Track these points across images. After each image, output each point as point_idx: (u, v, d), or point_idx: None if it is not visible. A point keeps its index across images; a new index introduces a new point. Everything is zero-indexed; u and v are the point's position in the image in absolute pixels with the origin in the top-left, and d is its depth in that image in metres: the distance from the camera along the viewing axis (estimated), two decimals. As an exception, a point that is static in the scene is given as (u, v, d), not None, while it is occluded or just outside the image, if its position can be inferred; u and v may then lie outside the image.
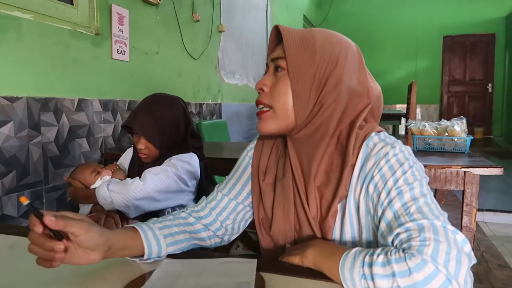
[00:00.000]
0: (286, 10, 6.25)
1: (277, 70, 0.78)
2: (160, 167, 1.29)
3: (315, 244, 0.72)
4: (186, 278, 0.67)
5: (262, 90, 0.79)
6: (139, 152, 1.33)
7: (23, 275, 0.72)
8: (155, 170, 1.27)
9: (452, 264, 0.55)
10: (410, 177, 0.68)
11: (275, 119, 0.78)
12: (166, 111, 1.32)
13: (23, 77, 1.78)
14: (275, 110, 0.77)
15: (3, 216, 1.69)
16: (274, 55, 0.79)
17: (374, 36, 8.37)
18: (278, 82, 0.77)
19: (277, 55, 0.78)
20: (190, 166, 1.33)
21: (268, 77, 0.80)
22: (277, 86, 0.77)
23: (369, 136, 0.76)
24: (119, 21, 2.39)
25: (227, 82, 4.15)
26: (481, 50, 8.03)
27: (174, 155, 1.34)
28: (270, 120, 0.78)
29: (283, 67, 0.77)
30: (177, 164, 1.29)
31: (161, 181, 1.24)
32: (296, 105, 0.75)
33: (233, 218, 0.92)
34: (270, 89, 0.79)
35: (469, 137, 2.08)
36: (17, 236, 0.91)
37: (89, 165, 1.44)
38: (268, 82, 0.79)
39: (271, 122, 0.78)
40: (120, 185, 1.25)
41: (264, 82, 0.79)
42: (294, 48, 0.75)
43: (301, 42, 0.76)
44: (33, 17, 1.81)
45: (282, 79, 0.77)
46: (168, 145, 1.32)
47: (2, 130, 1.68)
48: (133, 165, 1.43)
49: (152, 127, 1.28)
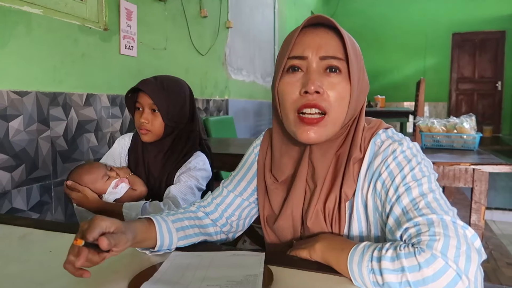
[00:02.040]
0: (293, 6, 6.23)
1: (333, 71, 0.71)
2: (185, 185, 1.20)
3: (323, 238, 0.72)
4: (194, 270, 0.67)
5: (318, 92, 0.69)
6: (141, 127, 1.23)
7: (33, 265, 0.72)
8: (182, 189, 1.19)
9: (462, 259, 0.54)
10: (418, 173, 0.67)
11: (330, 126, 0.71)
12: (174, 84, 1.28)
13: (33, 72, 1.80)
14: (331, 117, 0.70)
15: (12, 209, 1.71)
16: (327, 53, 0.70)
17: (382, 33, 8.30)
18: (337, 85, 0.70)
19: (331, 53, 0.70)
20: (206, 172, 1.29)
21: (321, 78, 0.70)
22: (336, 89, 0.70)
23: (376, 133, 0.76)
24: (127, 17, 2.40)
25: (234, 78, 4.15)
26: (490, 47, 7.93)
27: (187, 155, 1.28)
28: (325, 128, 0.71)
29: (341, 70, 0.70)
30: (197, 175, 1.24)
31: (189, 202, 1.18)
32: (350, 112, 0.72)
33: (238, 214, 0.92)
34: (325, 92, 0.70)
35: (478, 134, 2.07)
36: (26, 228, 0.92)
37: (97, 167, 1.24)
38: (323, 84, 0.70)
39: (326, 129, 0.71)
40: (154, 210, 1.14)
41: (320, 84, 0.69)
42: (352, 51, 0.71)
43: (352, 44, 0.72)
44: (42, 12, 1.82)
45: (341, 83, 0.70)
46: (173, 121, 1.25)
47: (12, 124, 1.69)
48: (136, 153, 1.34)
49: (159, 91, 1.22)
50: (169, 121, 1.24)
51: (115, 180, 1.23)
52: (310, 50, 0.71)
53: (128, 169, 1.31)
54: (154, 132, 1.25)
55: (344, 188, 0.74)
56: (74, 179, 1.20)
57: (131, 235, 0.67)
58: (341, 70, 0.70)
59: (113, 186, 1.22)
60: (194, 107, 1.34)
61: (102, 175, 1.22)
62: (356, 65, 0.72)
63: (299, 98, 0.71)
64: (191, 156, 1.29)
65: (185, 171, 1.25)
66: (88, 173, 1.20)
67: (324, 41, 0.71)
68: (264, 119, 5.01)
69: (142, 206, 1.14)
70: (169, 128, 1.26)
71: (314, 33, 0.72)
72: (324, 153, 0.78)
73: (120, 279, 0.66)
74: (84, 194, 1.18)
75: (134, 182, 1.26)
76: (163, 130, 1.26)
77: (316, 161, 0.78)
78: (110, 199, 1.22)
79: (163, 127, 1.25)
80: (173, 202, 1.15)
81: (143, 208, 1.14)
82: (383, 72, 8.19)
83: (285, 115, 0.74)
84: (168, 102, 1.23)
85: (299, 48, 0.72)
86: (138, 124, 1.25)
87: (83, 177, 1.20)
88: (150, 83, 1.23)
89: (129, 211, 1.12)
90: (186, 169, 1.25)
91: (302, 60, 0.71)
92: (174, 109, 1.25)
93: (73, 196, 1.19)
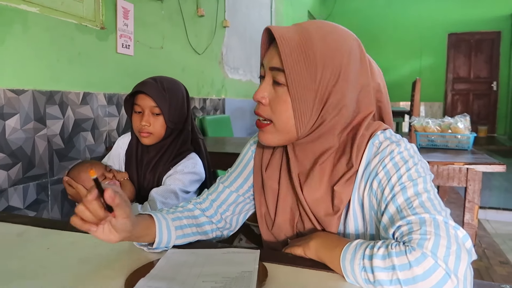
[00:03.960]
0: (290, 6, 6.23)
1: (276, 83, 0.73)
2: (167, 189, 1.20)
3: (318, 236, 0.73)
4: (190, 266, 0.68)
5: (261, 102, 0.75)
6: (142, 130, 1.23)
7: (31, 262, 0.73)
8: (162, 192, 1.18)
9: (452, 259, 0.55)
10: (414, 174, 0.68)
11: (276, 133, 0.75)
12: (173, 85, 1.28)
13: (29, 70, 1.80)
14: (276, 125, 0.74)
15: (9, 207, 1.71)
16: (272, 64, 0.73)
17: (379, 32, 8.34)
18: (278, 98, 0.73)
19: (275, 64, 0.72)
20: (196, 175, 1.27)
21: (266, 88, 0.75)
22: (278, 102, 0.73)
23: (374, 134, 0.77)
24: (124, 15, 2.40)
25: (231, 78, 4.15)
26: (486, 48, 7.98)
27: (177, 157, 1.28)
28: (271, 134, 0.76)
29: (282, 82, 0.72)
30: (183, 179, 1.23)
31: (170, 205, 1.16)
32: (298, 123, 0.72)
33: (232, 209, 0.93)
34: (269, 102, 0.74)
35: (472, 134, 2.09)
36: (24, 225, 0.93)
37: (96, 167, 1.27)
38: (266, 94, 0.75)
39: (273, 135, 0.76)
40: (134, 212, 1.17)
41: (262, 95, 0.75)
42: (293, 61, 0.69)
43: (300, 52, 0.69)
44: (39, 10, 1.82)
45: (282, 95, 0.72)
46: (174, 122, 1.25)
47: (8, 123, 1.69)
48: (131, 155, 1.33)
49: (161, 94, 1.22)
50: (170, 123, 1.24)
51: (107, 181, 1.25)
52: (265, 60, 0.76)
53: (126, 174, 1.31)
54: (155, 135, 1.25)
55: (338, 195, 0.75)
56: (73, 175, 1.25)
57: (134, 221, 0.69)
58: (283, 83, 0.72)
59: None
60: (189, 107, 1.34)
61: (99, 175, 1.24)
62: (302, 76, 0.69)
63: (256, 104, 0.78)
64: (183, 158, 1.29)
65: (172, 174, 1.25)
66: (86, 171, 1.23)
67: (275, 52, 0.73)
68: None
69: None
70: (169, 129, 1.26)
71: (276, 42, 0.73)
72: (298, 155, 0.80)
73: (117, 275, 0.66)
74: (78, 191, 1.21)
75: (124, 186, 1.27)
76: (164, 132, 1.26)
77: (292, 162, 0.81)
78: None
79: (164, 129, 1.25)
80: (151, 205, 1.16)
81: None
82: (379, 72, 8.21)
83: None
84: (170, 103, 1.24)
85: (265, 55, 0.77)
86: (139, 127, 1.24)
87: (80, 174, 1.24)
88: (151, 85, 1.22)
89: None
90: (173, 172, 1.25)
91: (263, 68, 0.77)
92: (175, 110, 1.25)
93: (69, 191, 1.24)
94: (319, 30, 0.72)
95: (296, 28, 0.74)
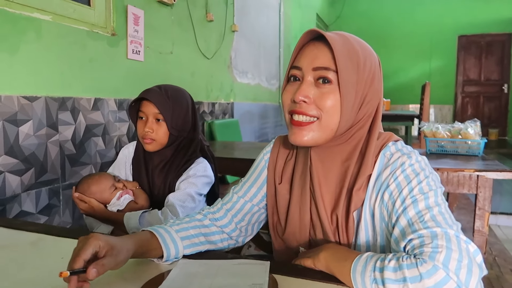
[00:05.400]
0: (299, 8, 6.24)
1: (324, 82, 0.74)
2: (184, 193, 1.22)
3: (328, 248, 0.74)
4: (201, 278, 0.69)
5: (305, 101, 0.75)
6: (146, 136, 1.25)
7: (45, 272, 0.74)
8: (180, 197, 1.21)
9: (463, 272, 0.56)
10: (425, 187, 0.69)
11: (319, 131, 0.76)
12: (177, 93, 1.30)
13: (42, 77, 1.83)
14: (322, 122, 0.75)
15: (22, 212, 1.74)
16: (317, 64, 0.74)
17: (388, 35, 8.29)
18: (325, 95, 0.74)
19: (321, 64, 0.74)
20: (208, 178, 1.30)
21: (309, 88, 0.75)
22: (325, 99, 0.74)
23: (386, 145, 0.78)
24: (134, 22, 2.43)
25: (240, 82, 4.17)
26: (497, 50, 7.89)
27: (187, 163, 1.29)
28: (315, 131, 0.76)
29: (331, 80, 0.74)
30: (197, 182, 1.25)
31: (188, 208, 1.20)
32: (342, 121, 0.75)
33: (248, 219, 0.94)
34: (314, 101, 0.75)
35: (483, 139, 2.07)
36: (37, 234, 0.94)
37: (105, 178, 1.27)
38: (310, 94, 0.75)
39: (314, 133, 0.76)
40: (152, 219, 1.17)
41: (306, 94, 0.75)
42: (344, 62, 0.73)
43: (348, 55, 0.74)
44: (52, 18, 1.85)
45: (330, 92, 0.74)
46: (177, 130, 1.27)
47: (22, 129, 1.72)
48: (139, 162, 1.35)
49: (165, 101, 1.24)
50: (173, 130, 1.26)
51: (120, 191, 1.26)
52: (305, 61, 0.76)
53: (136, 183, 1.32)
54: (158, 141, 1.26)
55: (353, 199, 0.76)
56: (83, 188, 1.25)
57: (126, 254, 0.68)
58: (332, 81, 0.74)
59: (117, 197, 1.25)
60: (196, 115, 1.35)
61: (109, 185, 1.25)
62: (350, 75, 0.73)
63: (291, 105, 0.78)
64: (192, 163, 1.30)
65: (185, 179, 1.27)
66: (97, 184, 1.25)
67: (318, 53, 0.75)
68: (269, 121, 5.02)
69: (141, 215, 1.16)
70: (172, 137, 1.27)
71: (314, 45, 0.76)
72: (324, 159, 0.81)
73: (129, 286, 0.67)
74: (91, 205, 1.22)
75: (138, 195, 1.28)
76: (167, 139, 1.27)
77: (316, 167, 0.81)
78: (113, 210, 1.25)
79: (167, 136, 1.27)
80: (171, 210, 1.17)
81: (141, 217, 1.16)
82: (388, 75, 8.17)
83: (284, 119, 0.81)
84: (173, 111, 1.25)
85: (298, 59, 0.78)
86: (142, 134, 1.26)
87: (91, 187, 1.24)
88: (155, 92, 1.24)
89: (128, 220, 1.16)
90: (186, 177, 1.27)
91: (299, 70, 0.77)
92: (178, 118, 1.27)
93: (81, 206, 1.24)
94: (352, 37, 0.78)
95: (334, 33, 0.77)
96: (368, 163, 0.76)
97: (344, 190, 0.77)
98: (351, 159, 0.78)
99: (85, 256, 0.62)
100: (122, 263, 0.67)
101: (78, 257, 0.61)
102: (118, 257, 0.66)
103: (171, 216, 1.16)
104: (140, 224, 1.14)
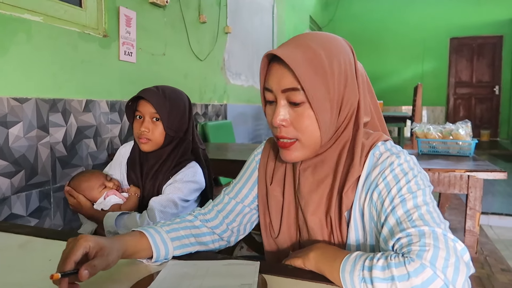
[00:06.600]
0: (292, 11, 6.26)
1: (293, 104, 0.73)
2: (166, 198, 1.20)
3: (317, 248, 0.74)
4: (190, 279, 0.68)
5: (282, 125, 0.75)
6: (141, 136, 1.24)
7: (33, 274, 0.74)
8: (162, 201, 1.19)
9: (450, 270, 0.56)
10: (414, 186, 0.69)
11: (303, 149, 0.76)
12: (175, 94, 1.29)
13: (32, 78, 1.81)
14: (303, 141, 0.75)
15: (12, 215, 1.72)
16: (284, 86, 0.73)
17: (381, 37, 8.35)
18: (300, 116, 0.73)
19: (288, 85, 0.72)
20: (196, 183, 1.28)
21: (284, 111, 0.74)
22: (301, 119, 0.73)
23: (375, 145, 0.78)
24: (126, 23, 2.42)
25: (233, 83, 4.17)
26: (488, 52, 7.98)
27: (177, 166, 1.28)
28: (298, 150, 0.76)
29: (301, 101, 0.72)
30: (183, 188, 1.23)
31: (169, 214, 1.18)
32: (323, 134, 0.75)
33: (239, 220, 0.94)
34: (291, 123, 0.75)
35: (473, 140, 2.09)
36: (26, 236, 0.93)
37: (96, 176, 1.27)
38: (286, 117, 0.74)
39: (300, 152, 0.77)
40: (129, 222, 1.16)
41: (282, 118, 0.74)
42: (309, 79, 0.70)
43: (311, 68, 0.71)
44: (42, 19, 1.84)
45: (304, 112, 0.73)
46: (174, 130, 1.26)
47: (11, 131, 1.71)
48: (134, 162, 1.34)
49: (162, 101, 1.23)
50: (170, 130, 1.25)
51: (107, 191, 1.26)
52: (273, 83, 0.75)
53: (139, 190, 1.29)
54: (154, 141, 1.25)
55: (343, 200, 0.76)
56: (74, 184, 1.26)
57: (116, 254, 0.68)
58: (303, 101, 0.72)
59: (104, 196, 1.25)
60: (191, 118, 1.35)
61: (99, 184, 1.25)
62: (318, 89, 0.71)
63: (273, 128, 0.77)
64: (183, 167, 1.29)
65: (171, 183, 1.25)
66: (87, 181, 1.25)
67: (283, 73, 0.73)
68: (262, 123, 5.03)
69: (117, 217, 1.15)
70: (168, 137, 1.27)
71: (279, 64, 0.74)
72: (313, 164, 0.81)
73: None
74: (78, 201, 1.23)
75: (129, 199, 1.26)
76: (163, 139, 1.26)
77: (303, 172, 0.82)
78: (98, 209, 1.24)
79: (163, 137, 1.26)
80: (150, 214, 1.16)
81: (118, 218, 1.15)
82: (381, 77, 8.23)
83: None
84: (170, 111, 1.24)
85: (268, 80, 0.76)
86: (138, 133, 1.25)
87: (81, 184, 1.25)
88: (153, 92, 1.24)
89: (107, 219, 1.15)
90: (173, 181, 1.25)
91: (271, 92, 0.76)
92: (175, 118, 1.26)
93: (70, 201, 1.26)
94: (315, 40, 0.74)
95: (293, 44, 0.74)
96: (356, 164, 0.76)
97: (335, 192, 0.77)
98: (340, 160, 0.79)
99: (75, 257, 0.61)
100: (113, 263, 0.66)
101: (69, 259, 0.61)
102: (108, 257, 0.65)
103: (148, 221, 1.14)
104: (116, 225, 1.13)
